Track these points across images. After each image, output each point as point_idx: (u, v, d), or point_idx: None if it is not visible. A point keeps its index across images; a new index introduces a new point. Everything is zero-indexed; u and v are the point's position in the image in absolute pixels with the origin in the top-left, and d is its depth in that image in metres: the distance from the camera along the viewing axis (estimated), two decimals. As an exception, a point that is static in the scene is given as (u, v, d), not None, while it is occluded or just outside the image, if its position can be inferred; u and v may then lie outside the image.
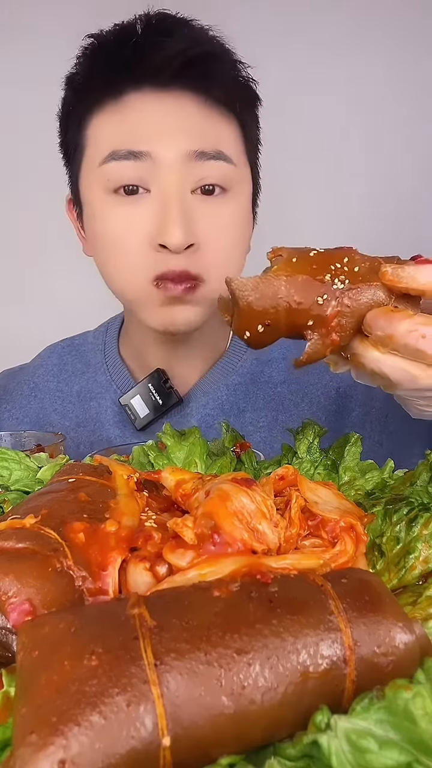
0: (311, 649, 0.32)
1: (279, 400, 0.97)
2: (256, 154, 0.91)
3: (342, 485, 0.62)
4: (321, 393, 0.96)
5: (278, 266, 0.48)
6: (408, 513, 0.49)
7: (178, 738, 0.29)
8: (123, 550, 0.41)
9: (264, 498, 0.43)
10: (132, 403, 0.97)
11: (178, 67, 0.78)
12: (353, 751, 0.28)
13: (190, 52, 0.77)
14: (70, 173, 0.90)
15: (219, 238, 0.82)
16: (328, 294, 0.47)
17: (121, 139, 0.79)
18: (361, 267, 0.48)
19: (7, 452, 0.65)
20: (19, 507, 0.46)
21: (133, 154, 0.78)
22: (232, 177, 0.82)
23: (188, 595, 0.35)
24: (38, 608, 0.37)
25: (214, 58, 0.81)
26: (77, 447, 1.01)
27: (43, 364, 1.09)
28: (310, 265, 0.47)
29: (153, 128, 0.78)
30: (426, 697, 0.29)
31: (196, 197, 0.80)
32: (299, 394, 0.97)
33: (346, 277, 0.47)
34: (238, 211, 0.85)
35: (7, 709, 0.33)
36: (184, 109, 0.79)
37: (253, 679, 0.31)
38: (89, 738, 0.28)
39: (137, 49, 0.79)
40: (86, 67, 0.84)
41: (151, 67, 0.78)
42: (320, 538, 0.44)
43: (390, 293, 0.48)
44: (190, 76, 0.79)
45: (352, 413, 0.95)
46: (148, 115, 0.79)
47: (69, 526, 0.42)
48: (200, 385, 0.98)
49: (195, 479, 0.50)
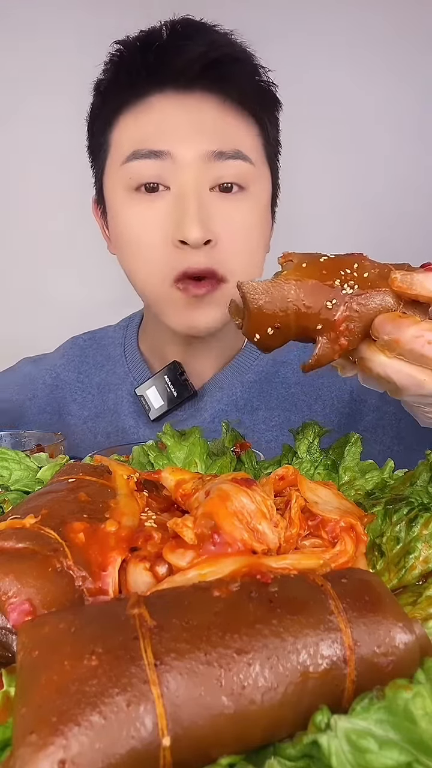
0: (311, 649, 0.32)
1: (292, 401, 0.99)
2: (276, 155, 0.93)
3: (342, 485, 0.62)
4: (335, 396, 0.98)
5: (288, 271, 0.49)
6: (408, 513, 0.49)
7: (178, 738, 0.29)
8: (123, 550, 0.41)
9: (264, 498, 0.43)
10: (147, 394, 0.99)
11: (198, 70, 0.80)
12: (353, 751, 0.28)
13: (210, 55, 0.80)
14: (95, 174, 0.93)
15: (237, 235, 0.83)
16: (337, 298, 0.48)
17: (142, 138, 0.81)
18: (371, 273, 0.49)
19: (7, 452, 0.65)
20: (19, 507, 0.46)
21: (154, 153, 0.80)
22: (249, 175, 0.84)
23: (188, 595, 0.35)
24: (38, 608, 0.37)
25: (234, 61, 0.83)
26: (94, 437, 1.05)
27: (65, 355, 1.13)
28: (319, 270, 0.48)
29: (173, 128, 0.80)
30: (426, 697, 0.29)
31: (214, 194, 0.82)
32: (313, 395, 0.98)
33: (355, 282, 0.48)
34: (255, 208, 0.86)
35: (7, 709, 0.33)
36: (204, 110, 0.81)
37: (253, 679, 0.31)
38: (89, 738, 0.28)
39: (160, 53, 0.81)
40: (112, 72, 0.86)
41: (173, 70, 0.80)
42: (320, 538, 0.44)
43: (399, 300, 0.48)
44: (210, 79, 0.81)
45: (365, 417, 0.96)
46: (169, 116, 0.81)
47: (69, 526, 0.42)
48: (215, 380, 1.00)
49: (195, 479, 0.50)
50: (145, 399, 0.99)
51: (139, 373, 1.04)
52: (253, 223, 0.86)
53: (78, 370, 1.10)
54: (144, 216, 0.82)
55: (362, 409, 0.97)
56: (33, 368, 1.12)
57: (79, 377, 1.10)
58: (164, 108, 0.82)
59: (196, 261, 0.81)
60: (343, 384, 0.97)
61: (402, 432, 0.93)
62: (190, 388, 0.97)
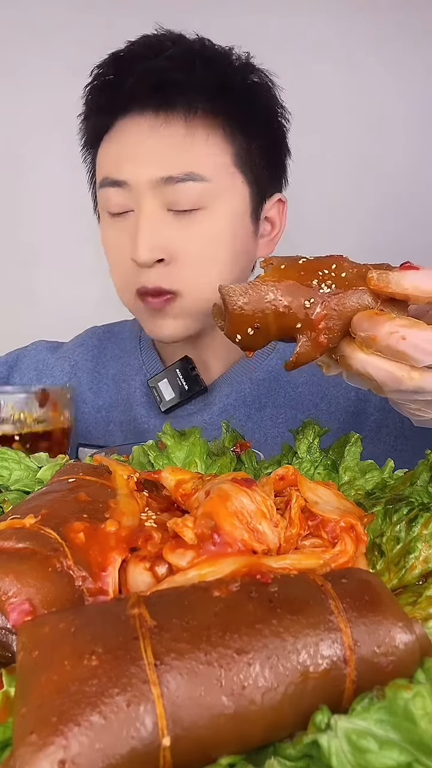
0: (311, 649, 0.32)
1: (299, 400, 1.02)
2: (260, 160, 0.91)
3: (342, 485, 0.62)
4: (340, 395, 1.00)
5: (267, 273, 0.50)
6: (408, 513, 0.49)
7: (178, 738, 0.29)
8: (123, 550, 0.41)
9: (264, 498, 0.43)
10: (159, 386, 1.02)
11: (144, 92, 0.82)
12: (353, 751, 0.28)
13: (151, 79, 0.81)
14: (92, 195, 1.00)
15: (191, 253, 0.87)
16: (314, 298, 0.49)
17: (108, 167, 0.87)
18: (349, 273, 0.50)
19: (7, 452, 0.65)
20: (19, 507, 0.46)
21: (116, 182, 0.86)
22: (206, 194, 0.85)
23: (188, 595, 0.35)
24: (38, 608, 0.37)
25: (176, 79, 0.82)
26: (107, 425, 1.09)
27: (83, 344, 1.16)
28: (298, 272, 0.50)
29: (129, 157, 0.85)
30: (426, 697, 0.29)
31: (171, 215, 0.85)
32: (319, 395, 1.01)
33: (333, 282, 0.49)
34: (215, 225, 0.87)
35: (7, 709, 0.33)
36: (157, 134, 0.84)
37: (253, 679, 0.31)
38: (89, 738, 0.28)
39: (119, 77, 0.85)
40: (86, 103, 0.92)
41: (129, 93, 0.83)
42: (320, 538, 0.44)
43: (377, 298, 0.50)
44: (161, 97, 0.82)
45: (370, 417, 0.98)
46: (126, 144, 0.86)
47: (69, 526, 0.42)
48: (226, 376, 1.03)
49: (195, 479, 0.50)
50: (157, 390, 1.03)
51: (153, 365, 1.08)
52: (209, 240, 0.87)
53: (96, 360, 1.14)
54: (115, 237, 0.90)
55: (367, 408, 0.99)
56: (50, 356, 1.15)
57: (96, 367, 1.13)
58: (123, 136, 0.86)
59: (146, 279, 0.87)
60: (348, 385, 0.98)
61: (406, 431, 0.95)
62: (201, 383, 1.00)
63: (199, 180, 0.84)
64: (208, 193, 0.85)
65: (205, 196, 0.85)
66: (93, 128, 0.91)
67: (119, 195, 0.86)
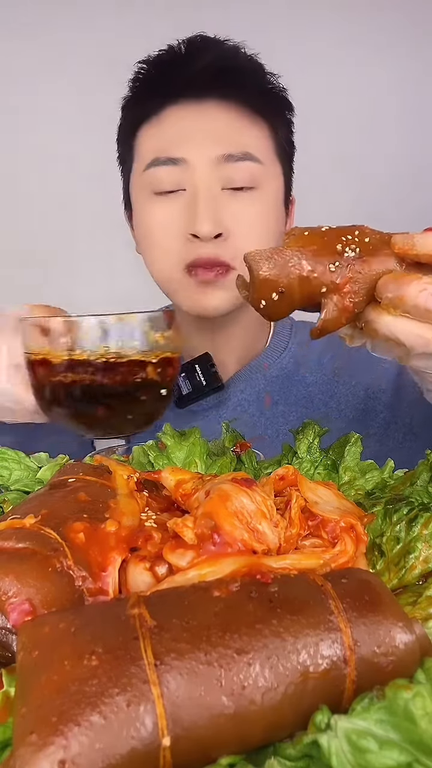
0: (311, 649, 0.32)
1: (309, 398, 1.05)
2: (289, 156, 1.00)
3: (342, 485, 0.62)
4: (349, 393, 1.03)
5: (291, 240, 0.51)
6: (408, 513, 0.49)
7: (178, 738, 0.29)
8: (123, 550, 0.41)
9: (264, 498, 0.43)
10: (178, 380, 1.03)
11: (208, 81, 0.89)
12: (353, 751, 0.28)
13: (218, 66, 0.89)
14: (123, 181, 1.03)
15: (246, 229, 0.91)
16: (339, 261, 0.49)
17: (161, 147, 0.91)
18: (372, 238, 0.50)
19: (6, 452, 0.65)
20: (19, 507, 0.46)
21: (171, 160, 0.90)
22: (259, 175, 0.91)
23: (188, 595, 0.35)
24: (38, 608, 0.37)
25: (239, 70, 0.91)
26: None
27: None
28: (321, 237, 0.50)
29: (187, 137, 0.90)
30: (426, 697, 0.29)
31: (226, 193, 0.90)
32: (328, 393, 1.04)
33: (357, 246, 0.50)
34: (265, 205, 0.93)
35: (7, 709, 0.33)
36: (215, 118, 0.90)
37: (253, 679, 0.31)
38: (89, 738, 0.28)
39: (173, 67, 0.91)
40: (134, 90, 0.96)
41: (185, 83, 0.90)
42: (320, 538, 0.44)
43: (401, 262, 0.50)
44: (218, 88, 0.90)
45: (379, 415, 1.01)
46: (183, 126, 0.91)
47: (69, 526, 0.42)
48: (240, 373, 1.06)
49: (195, 479, 0.50)
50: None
51: None
52: (262, 218, 0.93)
53: None
54: (162, 213, 0.92)
55: (376, 406, 1.01)
56: None
57: None
58: (178, 119, 0.91)
59: (205, 252, 0.89)
60: (358, 382, 1.02)
61: (415, 428, 0.98)
62: (219, 379, 1.02)
63: (254, 161, 0.90)
64: (260, 174, 0.91)
65: (258, 176, 0.90)
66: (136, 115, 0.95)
67: (173, 173, 0.90)
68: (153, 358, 0.60)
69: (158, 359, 0.61)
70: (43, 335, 0.60)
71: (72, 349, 0.59)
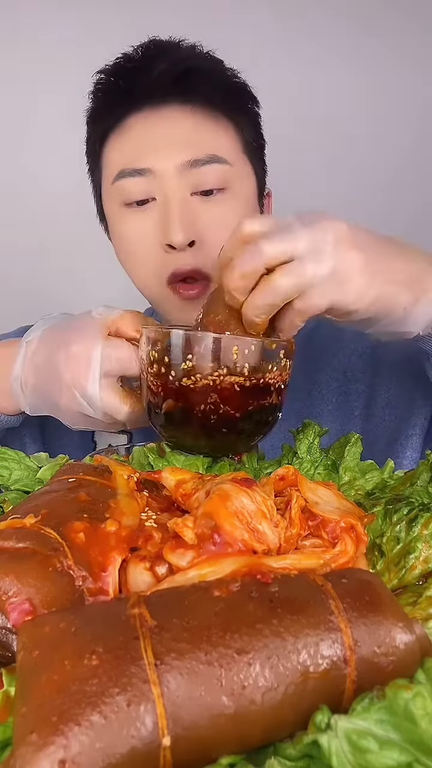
0: (311, 649, 0.32)
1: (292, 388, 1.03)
2: (258, 152, 0.97)
3: (342, 485, 0.62)
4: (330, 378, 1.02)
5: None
6: (408, 513, 0.49)
7: (178, 738, 0.29)
8: (123, 550, 0.41)
9: (264, 498, 0.43)
10: None
11: (165, 85, 0.87)
12: (353, 751, 0.28)
13: (174, 69, 0.87)
14: (94, 193, 1.01)
15: (220, 233, 0.87)
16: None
17: (126, 159, 0.89)
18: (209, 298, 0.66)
19: (7, 452, 0.65)
20: (19, 507, 0.46)
21: (137, 171, 0.88)
22: (228, 176, 0.89)
23: (188, 595, 0.35)
24: (38, 608, 0.37)
25: (197, 71, 0.89)
26: None
27: None
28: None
29: (151, 145, 0.88)
30: (426, 697, 0.29)
31: (196, 198, 0.88)
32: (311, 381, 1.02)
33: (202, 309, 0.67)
34: (238, 205, 0.91)
35: (7, 709, 0.33)
36: (177, 123, 0.88)
37: (253, 679, 0.31)
38: (90, 738, 0.28)
39: (131, 75, 0.89)
40: (95, 101, 0.94)
41: (143, 90, 0.88)
42: (320, 538, 0.44)
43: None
44: (177, 92, 0.88)
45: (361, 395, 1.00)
46: (146, 134, 0.89)
47: (69, 526, 0.42)
48: None
49: (195, 479, 0.50)
50: None
51: None
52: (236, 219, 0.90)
53: None
54: (136, 226, 0.90)
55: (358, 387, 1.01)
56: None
57: None
58: (141, 127, 0.89)
59: (183, 262, 0.87)
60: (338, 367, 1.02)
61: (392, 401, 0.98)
62: None
63: (222, 162, 0.88)
64: (229, 175, 0.89)
65: (227, 177, 0.89)
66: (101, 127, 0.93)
67: (140, 184, 0.88)
68: (282, 383, 0.63)
69: (284, 383, 0.63)
70: (186, 350, 0.59)
71: (221, 368, 0.59)
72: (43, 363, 0.74)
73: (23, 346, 0.77)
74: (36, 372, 0.75)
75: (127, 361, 0.70)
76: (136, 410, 0.71)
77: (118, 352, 0.70)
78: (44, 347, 0.75)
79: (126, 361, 0.70)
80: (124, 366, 0.70)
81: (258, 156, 0.97)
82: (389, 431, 0.92)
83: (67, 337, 0.73)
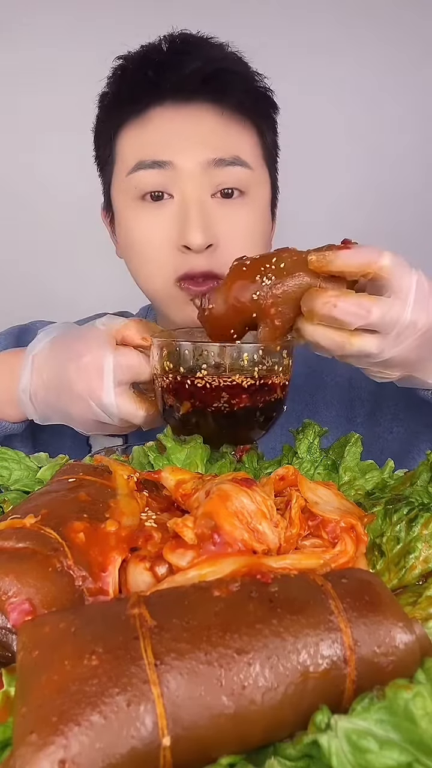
0: (311, 649, 0.32)
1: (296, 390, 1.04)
2: (274, 159, 0.97)
3: (342, 485, 0.62)
4: (335, 383, 1.02)
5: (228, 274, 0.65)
6: (408, 513, 0.49)
7: (178, 738, 0.29)
8: (123, 550, 0.41)
9: (264, 498, 0.43)
10: None
11: (196, 83, 0.85)
12: (353, 751, 0.28)
13: (207, 69, 0.85)
14: (103, 184, 0.98)
15: (238, 238, 0.87)
16: (259, 290, 0.61)
17: (146, 150, 0.86)
18: (288, 262, 0.61)
19: (7, 452, 0.65)
20: (19, 507, 0.46)
21: (157, 164, 0.85)
22: (249, 181, 0.88)
23: (188, 595, 0.35)
24: (38, 608, 0.37)
25: (230, 72, 0.88)
26: None
27: None
28: (242, 273, 0.63)
29: (174, 139, 0.86)
30: (426, 697, 0.29)
31: (215, 201, 0.86)
32: (314, 385, 1.02)
33: (272, 274, 0.61)
34: (255, 211, 0.90)
35: (7, 709, 0.33)
36: (203, 121, 0.87)
37: (253, 679, 0.31)
38: (89, 738, 0.28)
39: (159, 68, 0.86)
40: (114, 87, 0.91)
41: (172, 84, 0.85)
42: (320, 538, 0.44)
43: (317, 277, 0.60)
44: (207, 91, 0.86)
45: (365, 403, 1.00)
46: (170, 128, 0.86)
47: (69, 526, 0.42)
48: None
49: (195, 479, 0.50)
50: None
51: None
52: (253, 225, 0.90)
53: None
54: (150, 222, 0.88)
55: (361, 395, 1.00)
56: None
57: None
58: (164, 120, 0.87)
59: (197, 264, 0.85)
60: (342, 372, 1.01)
61: (400, 414, 0.97)
62: None
63: (244, 166, 0.87)
64: (249, 180, 0.88)
65: (247, 182, 0.88)
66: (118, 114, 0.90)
67: (159, 177, 0.86)
68: (286, 381, 0.69)
69: (288, 380, 0.69)
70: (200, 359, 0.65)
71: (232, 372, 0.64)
72: (53, 375, 0.75)
73: (29, 358, 0.77)
74: (46, 384, 0.75)
75: (137, 368, 0.71)
76: (151, 413, 0.72)
77: (128, 360, 0.71)
78: (52, 359, 0.76)
79: (136, 367, 0.71)
80: (135, 372, 0.71)
81: (274, 163, 0.96)
82: (398, 443, 0.92)
83: (75, 348, 0.73)
